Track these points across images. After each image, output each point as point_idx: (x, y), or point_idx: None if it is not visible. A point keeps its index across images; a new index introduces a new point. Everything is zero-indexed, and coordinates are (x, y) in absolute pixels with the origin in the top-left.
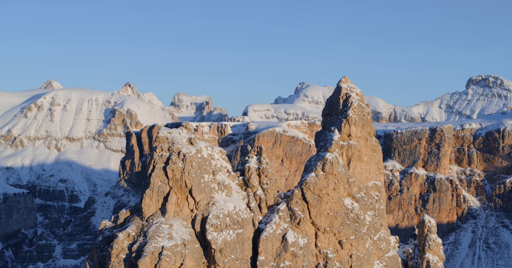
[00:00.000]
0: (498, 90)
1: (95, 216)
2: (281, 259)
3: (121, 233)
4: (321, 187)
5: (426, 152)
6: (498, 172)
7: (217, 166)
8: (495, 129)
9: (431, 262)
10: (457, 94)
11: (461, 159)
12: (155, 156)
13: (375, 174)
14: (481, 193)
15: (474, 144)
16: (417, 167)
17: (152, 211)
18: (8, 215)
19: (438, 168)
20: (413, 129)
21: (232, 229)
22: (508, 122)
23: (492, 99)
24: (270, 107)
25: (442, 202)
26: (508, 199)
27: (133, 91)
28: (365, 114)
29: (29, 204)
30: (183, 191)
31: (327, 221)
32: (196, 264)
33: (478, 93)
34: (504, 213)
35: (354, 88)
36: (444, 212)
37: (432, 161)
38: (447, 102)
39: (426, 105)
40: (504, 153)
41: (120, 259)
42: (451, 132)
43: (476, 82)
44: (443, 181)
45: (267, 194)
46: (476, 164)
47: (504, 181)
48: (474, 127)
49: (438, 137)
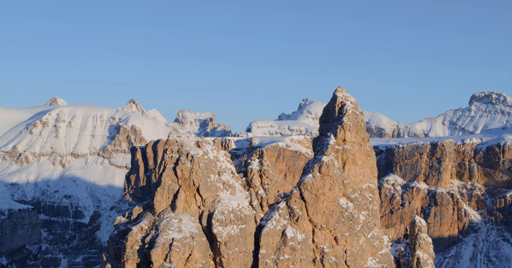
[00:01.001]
0: (501, 106)
1: (100, 230)
2: (280, 253)
3: (135, 227)
4: (318, 187)
5: (427, 166)
6: (499, 186)
7: (222, 167)
8: (496, 144)
9: (421, 259)
10: (460, 110)
11: (462, 173)
12: (165, 157)
13: (369, 177)
14: (482, 207)
15: (475, 159)
16: (419, 181)
17: (163, 207)
18: (13, 230)
19: (439, 182)
20: (415, 144)
21: (236, 224)
22: (508, 137)
23: (495, 116)
24: (273, 124)
25: (444, 216)
26: (509, 213)
27: (138, 107)
28: (359, 121)
29: (34, 220)
30: (191, 189)
31: (324, 218)
32: (203, 256)
33: (481, 109)
34: (505, 227)
35: (349, 97)
36: (445, 226)
37: (434, 175)
38: (450, 118)
39: (429, 121)
40: (504, 168)
41: (134, 250)
42: (452, 147)
43: (479, 99)
44: (444, 195)
45: (268, 193)
46: (477, 179)
47: (504, 195)
48: (475, 142)
49: (439, 152)
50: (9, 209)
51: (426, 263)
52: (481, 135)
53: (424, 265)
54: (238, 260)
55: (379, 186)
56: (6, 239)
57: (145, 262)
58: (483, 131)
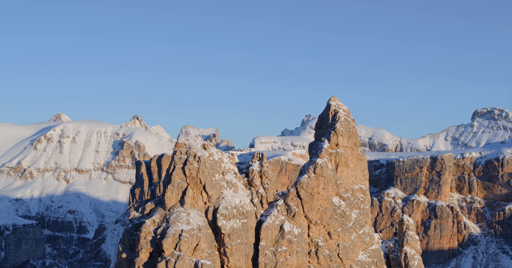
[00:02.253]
0: (503, 122)
1: (105, 243)
2: (278, 245)
3: (148, 220)
4: (313, 187)
5: (427, 180)
6: (498, 199)
7: (226, 168)
8: (495, 158)
9: (408, 254)
10: (463, 126)
11: (461, 187)
12: (175, 158)
13: (361, 179)
14: (481, 220)
15: (474, 172)
16: (419, 195)
17: (173, 202)
18: (17, 246)
19: (439, 195)
20: (415, 157)
21: (238, 219)
22: (507, 151)
23: (498, 131)
24: (276, 139)
25: (444, 229)
26: (508, 225)
27: (141, 123)
28: (350, 127)
29: (38, 235)
30: (198, 187)
31: (318, 215)
32: (209, 246)
33: (484, 125)
34: (504, 240)
35: (342, 105)
36: (445, 238)
37: (433, 189)
38: (453, 134)
39: (432, 137)
40: (503, 181)
41: (147, 241)
42: (452, 161)
43: (482, 115)
44: (444, 208)
45: (267, 192)
46: (476, 192)
47: (503, 208)
48: (474, 156)
49: (439, 165)
50: (13, 225)
51: (413, 258)
52: (480, 149)
53: (411, 259)
54: (240, 250)
55: (380, 199)
56: (11, 254)
57: (157, 251)
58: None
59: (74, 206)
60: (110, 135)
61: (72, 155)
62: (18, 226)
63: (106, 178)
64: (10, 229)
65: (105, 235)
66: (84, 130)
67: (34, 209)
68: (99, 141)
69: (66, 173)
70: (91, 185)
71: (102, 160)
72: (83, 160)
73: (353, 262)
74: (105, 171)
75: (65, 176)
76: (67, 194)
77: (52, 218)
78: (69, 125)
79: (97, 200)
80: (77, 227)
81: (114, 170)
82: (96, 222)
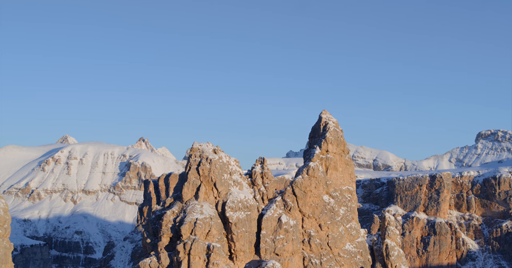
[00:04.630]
0: (507, 144)
1: (114, 259)
2: (277, 234)
3: (168, 211)
4: (306, 186)
5: (426, 197)
6: (495, 216)
7: (233, 169)
8: (492, 176)
9: (389, 245)
10: (467, 148)
11: (460, 204)
12: (191, 161)
13: (348, 181)
14: (479, 236)
15: (472, 191)
16: (418, 212)
17: (189, 197)
18: (25, 266)
19: (438, 212)
20: (414, 176)
21: (243, 211)
22: (504, 170)
23: (501, 153)
24: (281, 161)
25: (442, 245)
26: (505, 242)
27: (147, 146)
28: (339, 136)
29: (45, 256)
30: (210, 184)
31: (310, 209)
32: (219, 233)
33: (488, 147)
34: (501, 255)
35: (331, 118)
36: (444, 254)
37: (432, 206)
38: (457, 156)
39: (436, 159)
40: (500, 199)
41: (168, 227)
42: (450, 179)
43: (485, 137)
44: (443, 224)
45: (267, 190)
46: (474, 209)
47: (500, 225)
48: (472, 175)
49: (437, 184)
50: (21, 245)
51: (393, 249)
52: (478, 168)
53: (391, 250)
54: (244, 237)
55: (381, 216)
56: None
57: (176, 236)
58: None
59: (81, 227)
60: (117, 157)
61: (80, 176)
62: (26, 247)
63: (113, 199)
64: (18, 249)
65: (114, 252)
66: (91, 151)
67: (42, 230)
68: (106, 162)
69: (74, 194)
70: (98, 206)
71: (109, 181)
72: (90, 181)
73: (341, 251)
74: (111, 192)
75: (72, 197)
76: (74, 215)
77: (60, 239)
78: (76, 146)
79: (104, 221)
80: (84, 248)
81: (121, 191)
82: (102, 242)
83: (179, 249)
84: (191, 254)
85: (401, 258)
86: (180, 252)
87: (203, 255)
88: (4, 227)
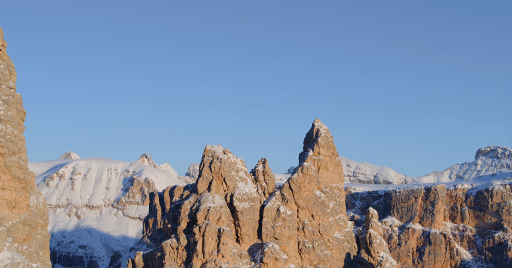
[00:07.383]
0: (506, 161)
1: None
2: (276, 221)
3: (186, 201)
4: (301, 182)
5: (422, 209)
6: (488, 227)
7: (239, 167)
8: (485, 189)
9: (372, 234)
10: (467, 164)
11: (454, 216)
12: (204, 160)
13: (337, 180)
14: (472, 246)
15: (466, 203)
16: (414, 223)
17: (203, 189)
18: None
19: (433, 223)
20: (410, 188)
21: (247, 202)
22: (496, 183)
23: (501, 170)
24: (283, 177)
25: (437, 254)
26: (497, 251)
27: (150, 162)
28: (329, 141)
29: None
30: (220, 179)
31: (304, 202)
32: (227, 219)
33: (487, 163)
34: (493, 265)
35: (323, 125)
36: (439, 264)
37: (427, 217)
38: (457, 172)
39: (436, 175)
40: (492, 211)
41: (186, 214)
42: (444, 191)
43: (485, 153)
44: (438, 235)
45: (268, 185)
46: (468, 221)
47: (493, 235)
48: (466, 187)
49: (432, 196)
50: None
51: (375, 238)
52: (472, 181)
53: (373, 238)
54: (249, 224)
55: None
56: None
57: (192, 221)
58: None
59: (85, 241)
60: (120, 172)
61: (84, 191)
62: None
63: (116, 214)
64: None
65: (121, 262)
66: (95, 167)
67: None
68: (110, 178)
69: (78, 209)
70: (102, 221)
71: (113, 197)
72: (94, 196)
73: (330, 238)
74: (115, 207)
75: (76, 212)
76: (78, 229)
77: (64, 253)
78: (80, 162)
79: (107, 236)
80: (87, 262)
81: (124, 206)
82: (106, 257)
83: (195, 231)
84: (205, 235)
85: (382, 245)
86: (196, 234)
87: (215, 237)
88: (43, 218)
